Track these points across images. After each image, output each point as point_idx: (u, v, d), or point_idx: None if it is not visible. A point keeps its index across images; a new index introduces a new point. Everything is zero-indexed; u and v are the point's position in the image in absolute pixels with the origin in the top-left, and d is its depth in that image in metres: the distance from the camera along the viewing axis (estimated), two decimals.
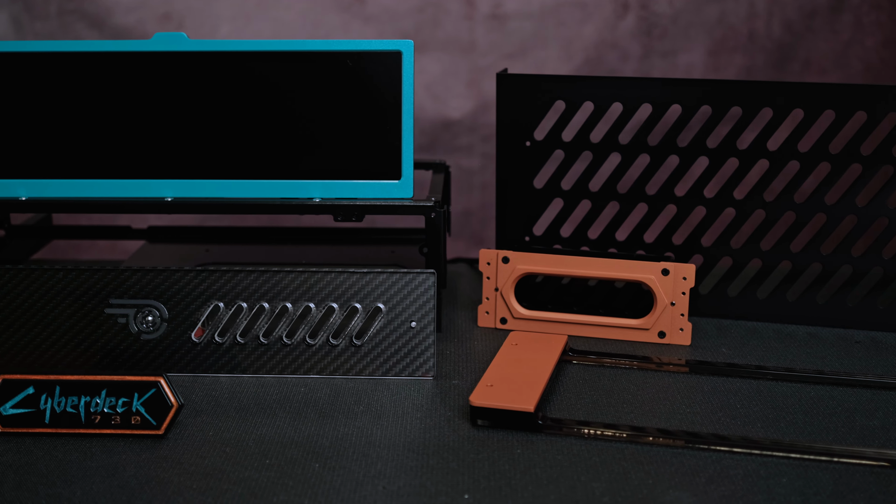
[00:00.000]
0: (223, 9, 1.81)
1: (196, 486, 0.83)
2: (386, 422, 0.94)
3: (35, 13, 1.81)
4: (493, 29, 1.84)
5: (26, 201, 1.12)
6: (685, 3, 1.82)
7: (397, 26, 1.83)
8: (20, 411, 0.91)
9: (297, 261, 1.27)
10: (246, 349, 1.03)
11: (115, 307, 1.03)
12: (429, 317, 1.02)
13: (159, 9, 1.80)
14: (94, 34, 1.80)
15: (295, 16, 1.83)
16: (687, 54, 1.85)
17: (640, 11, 1.83)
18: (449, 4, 1.82)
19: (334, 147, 1.11)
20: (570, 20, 1.84)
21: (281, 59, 1.10)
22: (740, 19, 1.83)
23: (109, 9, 1.79)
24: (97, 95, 1.11)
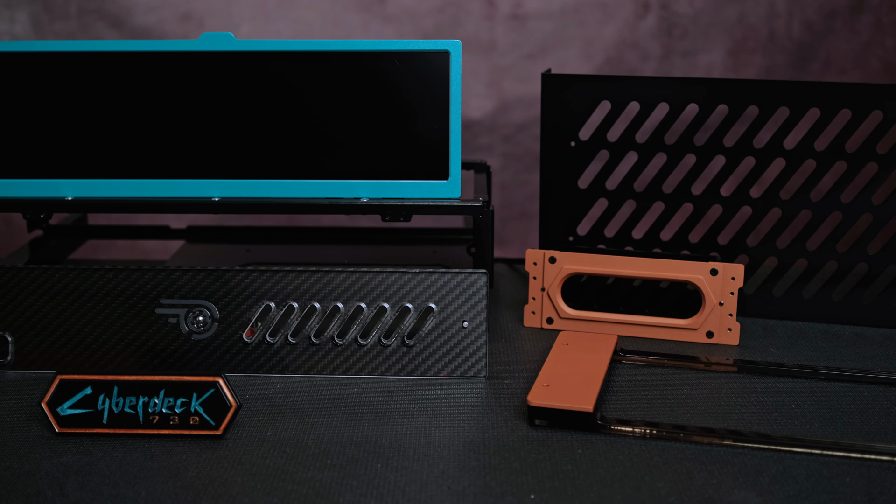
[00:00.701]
0: (243, 8, 1.81)
1: (260, 486, 0.83)
2: (443, 422, 0.94)
3: (55, 13, 1.81)
4: (513, 29, 1.84)
5: (72, 201, 1.11)
6: (705, 3, 1.82)
7: (417, 26, 1.82)
8: (78, 412, 0.91)
9: (339, 261, 1.27)
10: (297, 349, 1.03)
11: (165, 307, 1.03)
12: (480, 317, 1.02)
13: (179, 8, 1.80)
14: (113, 34, 1.80)
15: (315, 16, 1.83)
16: (707, 54, 1.85)
17: (660, 11, 1.83)
18: (469, 4, 1.82)
19: (382, 147, 1.10)
20: (590, 20, 1.84)
21: (328, 59, 1.10)
22: (760, 19, 1.83)
23: (129, 8, 1.79)
24: (144, 95, 1.11)
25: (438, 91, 1.10)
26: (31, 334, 1.04)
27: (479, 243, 1.11)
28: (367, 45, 1.11)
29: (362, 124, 1.10)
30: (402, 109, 1.10)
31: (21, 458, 0.87)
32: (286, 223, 1.58)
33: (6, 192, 1.12)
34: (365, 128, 1.11)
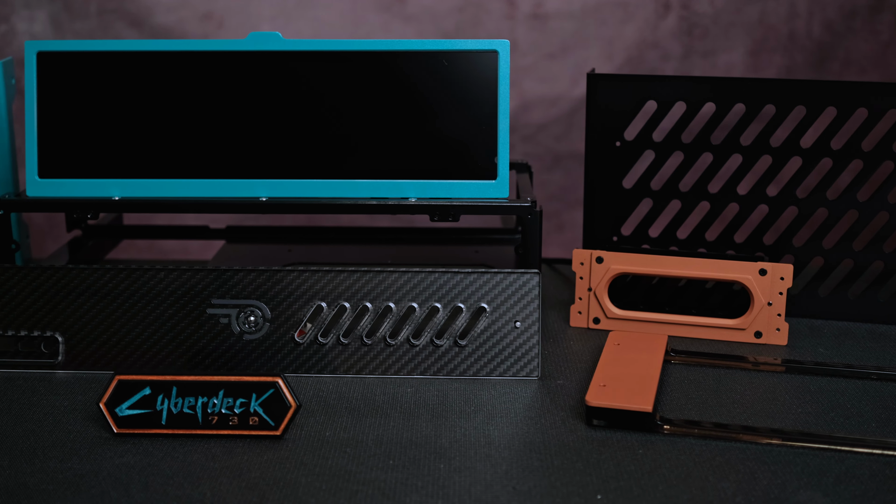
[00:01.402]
0: (263, 8, 1.81)
1: (325, 486, 0.82)
2: (500, 422, 0.93)
3: (74, 13, 1.80)
4: (533, 28, 1.83)
5: (119, 201, 1.11)
6: (726, 2, 1.82)
7: (438, 26, 1.82)
8: (136, 412, 0.90)
9: (381, 261, 1.27)
10: (349, 349, 1.03)
11: (217, 307, 1.03)
12: (533, 317, 1.02)
13: (200, 8, 1.80)
14: (133, 34, 1.80)
15: (335, 16, 1.83)
16: (727, 54, 1.85)
17: (681, 11, 1.83)
18: (490, 4, 1.82)
19: (430, 146, 1.10)
20: (611, 20, 1.84)
21: (376, 58, 1.10)
22: (780, 19, 1.84)
23: (150, 8, 1.79)
24: (191, 95, 1.11)
25: (487, 91, 1.10)
26: (81, 335, 1.03)
27: (527, 243, 1.11)
28: (415, 45, 1.11)
29: (410, 124, 1.10)
30: (451, 109, 1.10)
31: (82, 458, 0.87)
32: (326, 223, 1.57)
33: (54, 192, 1.12)
34: (413, 127, 1.10)
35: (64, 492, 0.82)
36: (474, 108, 1.10)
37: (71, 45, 1.12)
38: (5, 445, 0.89)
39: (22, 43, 1.80)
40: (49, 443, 0.89)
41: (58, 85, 1.11)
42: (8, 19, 1.81)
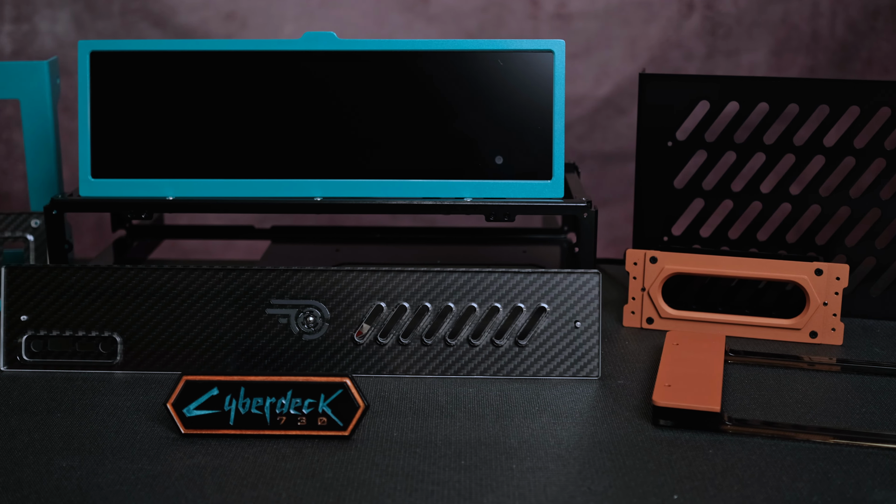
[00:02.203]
0: (287, 8, 1.81)
1: (400, 487, 0.82)
2: (567, 422, 0.93)
3: (97, 12, 1.80)
4: (557, 28, 1.83)
5: (173, 201, 1.11)
6: (749, 2, 1.82)
7: (461, 26, 1.82)
8: (204, 413, 0.90)
9: (430, 261, 1.27)
10: (408, 350, 1.03)
11: (276, 307, 1.03)
12: (593, 316, 1.02)
13: (223, 8, 1.80)
14: (156, 33, 1.79)
15: (358, 15, 1.83)
16: (750, 54, 1.86)
17: (704, 11, 1.84)
18: (513, 4, 1.82)
19: (485, 146, 1.10)
20: (634, 20, 1.84)
21: (432, 58, 1.10)
22: (804, 19, 1.84)
23: (173, 8, 1.79)
24: (246, 94, 1.11)
25: (542, 90, 1.10)
26: (140, 335, 1.03)
27: (583, 243, 1.11)
28: (470, 45, 1.10)
29: (466, 123, 1.10)
30: (506, 109, 1.10)
31: (151, 459, 0.87)
32: (370, 223, 1.57)
33: (107, 192, 1.12)
34: (468, 127, 1.10)
35: (138, 492, 0.81)
36: (529, 107, 1.10)
37: (124, 44, 1.12)
38: (73, 446, 0.89)
39: (44, 42, 1.80)
40: (116, 443, 0.89)
41: (111, 85, 1.11)
42: (30, 19, 1.81)
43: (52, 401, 0.97)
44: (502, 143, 1.10)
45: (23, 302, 1.04)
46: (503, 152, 1.10)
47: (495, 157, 1.09)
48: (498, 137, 1.10)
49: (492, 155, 1.10)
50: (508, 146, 1.10)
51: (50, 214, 1.12)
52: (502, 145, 1.10)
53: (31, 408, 0.96)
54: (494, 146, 1.10)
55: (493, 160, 1.10)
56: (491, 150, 1.10)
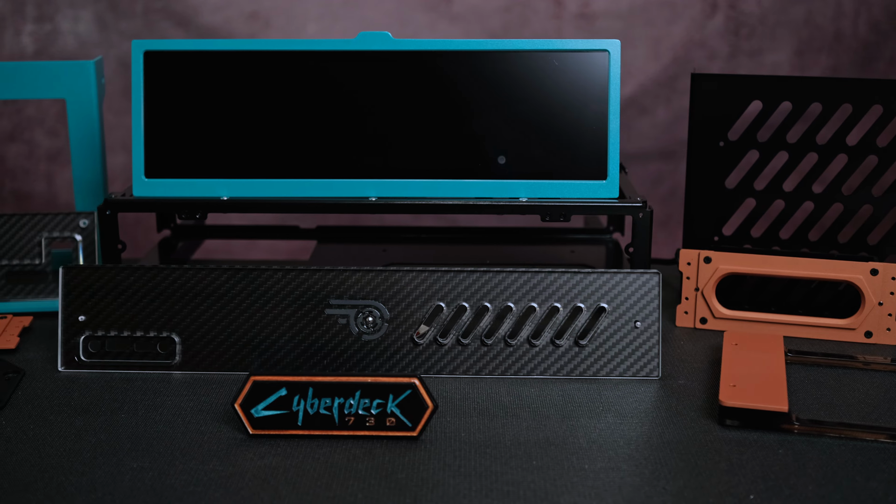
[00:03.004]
0: (310, 7, 1.80)
1: (475, 487, 0.82)
2: (633, 422, 0.93)
3: (120, 12, 1.80)
4: (581, 28, 1.83)
5: (227, 201, 1.11)
6: (773, 2, 1.82)
7: (484, 26, 1.82)
8: (272, 413, 0.90)
9: (478, 260, 1.26)
10: (468, 350, 1.03)
11: (335, 308, 1.03)
12: (653, 316, 1.02)
13: (246, 7, 1.79)
14: (179, 33, 1.79)
15: (382, 15, 1.82)
16: (773, 54, 1.86)
17: (728, 11, 1.84)
18: (537, 3, 1.82)
19: (540, 146, 1.10)
20: (658, 20, 1.84)
21: (487, 58, 1.10)
22: (827, 19, 1.84)
23: (196, 8, 1.78)
24: (299, 94, 1.10)
25: (597, 90, 1.10)
26: (198, 336, 1.03)
27: (638, 243, 1.11)
28: (526, 45, 1.10)
29: (521, 124, 1.10)
30: (561, 109, 1.10)
31: (222, 460, 0.86)
32: (413, 223, 1.56)
33: (161, 192, 1.11)
34: (523, 127, 1.10)
35: (212, 493, 0.81)
36: (585, 107, 1.10)
37: (178, 44, 1.11)
38: (141, 447, 0.88)
39: (66, 42, 1.80)
40: (185, 444, 0.89)
41: (164, 84, 1.11)
42: (52, 18, 1.80)
43: (115, 401, 0.97)
44: (557, 143, 1.10)
45: (80, 302, 1.03)
46: (558, 152, 1.10)
47: (498, 157, 1.09)
48: (553, 137, 1.10)
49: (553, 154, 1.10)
50: (564, 146, 1.10)
51: (103, 214, 1.12)
52: (557, 145, 1.10)
53: (95, 408, 0.96)
54: (550, 146, 1.10)
55: (554, 159, 1.09)
56: (546, 149, 1.10)
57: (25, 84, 1.25)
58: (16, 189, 1.83)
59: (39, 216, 1.20)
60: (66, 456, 0.87)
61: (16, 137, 1.83)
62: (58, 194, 1.85)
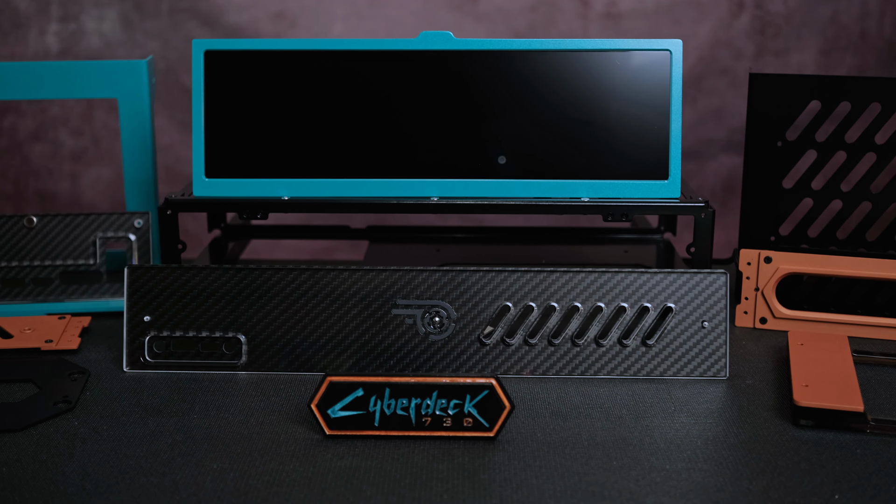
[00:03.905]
0: (336, 7, 1.80)
1: (559, 488, 0.82)
2: (707, 422, 0.93)
3: (145, 11, 1.79)
4: (607, 28, 1.83)
5: (288, 201, 1.10)
6: (799, 2, 1.83)
7: (510, 25, 1.82)
8: (349, 413, 0.90)
9: (533, 260, 1.26)
10: (535, 350, 1.02)
11: (402, 308, 1.02)
12: (720, 316, 1.02)
13: (272, 7, 1.79)
14: (205, 33, 1.79)
15: (408, 14, 1.82)
16: (799, 53, 1.86)
17: (754, 10, 1.84)
18: (563, 3, 1.81)
19: (602, 146, 1.10)
20: (684, 19, 1.84)
21: (549, 58, 1.10)
22: (853, 18, 1.84)
23: (222, 7, 1.78)
24: (361, 94, 1.10)
25: (659, 90, 1.10)
26: (263, 336, 1.03)
27: (699, 243, 1.11)
28: (587, 45, 1.10)
29: (582, 123, 1.10)
30: (622, 108, 1.10)
31: (302, 460, 0.86)
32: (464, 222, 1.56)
33: (221, 192, 1.11)
34: (585, 127, 1.10)
35: (297, 494, 0.81)
36: (646, 107, 1.10)
37: (238, 43, 1.11)
38: (219, 448, 0.88)
39: (91, 42, 1.79)
40: (261, 445, 0.89)
41: (225, 84, 1.11)
42: (77, 18, 1.80)
43: (185, 402, 0.97)
44: (619, 143, 1.10)
45: (145, 302, 1.03)
46: (620, 152, 1.10)
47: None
48: (615, 137, 1.10)
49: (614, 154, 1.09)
50: (626, 146, 1.10)
51: (164, 214, 1.11)
52: (619, 145, 1.10)
53: (166, 409, 0.95)
54: (611, 145, 1.10)
55: (616, 159, 1.09)
56: (607, 149, 1.10)
57: (77, 83, 1.25)
58: (39, 188, 1.83)
59: (94, 216, 1.20)
60: (144, 457, 0.87)
61: (40, 137, 1.83)
62: (81, 194, 1.85)
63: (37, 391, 0.99)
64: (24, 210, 1.83)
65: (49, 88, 1.25)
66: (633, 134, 1.10)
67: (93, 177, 1.83)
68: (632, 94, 1.10)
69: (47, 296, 1.20)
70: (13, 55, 1.78)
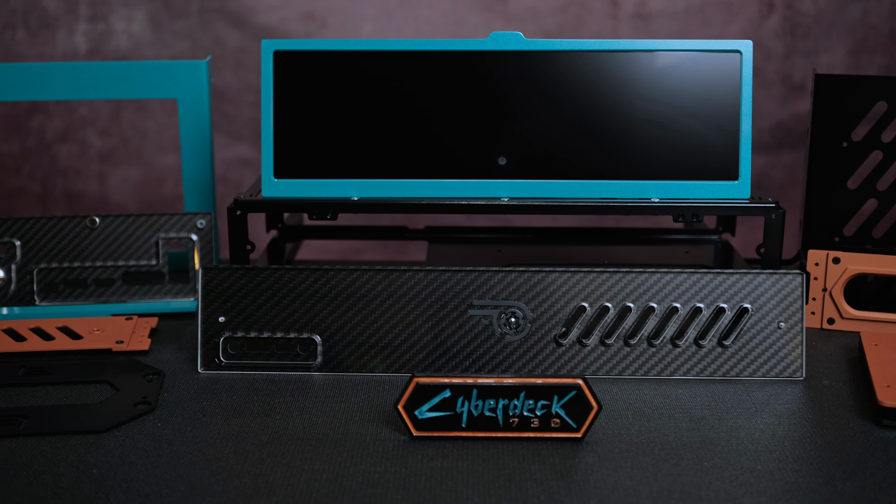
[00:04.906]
0: (365, 7, 1.80)
1: (655, 489, 0.82)
2: (790, 423, 0.93)
3: (175, 11, 1.79)
4: (637, 28, 1.83)
5: (357, 202, 1.10)
6: (828, 2, 1.83)
7: (540, 25, 1.82)
8: (436, 415, 0.90)
9: (595, 262, 1.26)
10: (611, 350, 1.02)
11: (477, 308, 1.02)
12: (796, 317, 1.02)
13: (302, 8, 1.79)
14: (234, 33, 1.79)
15: (437, 15, 1.82)
16: (828, 54, 1.86)
17: (785, 11, 1.84)
18: (593, 3, 1.81)
19: (672, 147, 1.10)
20: (715, 20, 1.84)
21: (618, 59, 1.10)
22: (882, 19, 1.84)
23: (252, 8, 1.78)
24: (430, 94, 1.10)
25: (729, 91, 1.10)
26: (338, 336, 1.03)
27: (769, 243, 1.11)
28: (657, 45, 1.10)
29: (652, 124, 1.10)
30: (692, 109, 1.10)
31: (393, 461, 0.86)
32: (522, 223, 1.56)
33: (290, 192, 1.11)
34: (654, 127, 1.10)
35: (393, 495, 0.81)
36: (717, 108, 1.10)
37: (307, 44, 1.11)
38: (307, 449, 0.88)
39: (119, 42, 1.79)
40: (349, 446, 0.89)
41: (294, 85, 1.11)
42: (106, 18, 1.80)
43: (265, 403, 0.97)
44: (689, 144, 1.10)
45: (220, 303, 1.03)
46: (690, 153, 1.10)
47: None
48: (685, 138, 1.10)
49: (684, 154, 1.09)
50: (696, 146, 1.10)
51: (234, 215, 1.11)
52: (689, 146, 1.10)
53: (247, 410, 0.95)
54: (681, 146, 1.10)
55: (686, 160, 1.09)
56: (678, 150, 1.10)
57: (137, 84, 1.25)
58: (67, 189, 1.82)
59: (156, 217, 1.20)
60: (233, 458, 0.86)
61: (68, 137, 1.83)
62: (109, 194, 1.84)
63: (114, 392, 0.99)
64: (52, 210, 1.83)
65: (108, 89, 1.25)
66: (704, 135, 1.10)
67: (120, 177, 1.83)
68: (702, 95, 1.10)
69: (109, 296, 1.20)
70: (41, 55, 1.77)
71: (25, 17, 1.77)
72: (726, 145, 1.10)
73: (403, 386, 0.90)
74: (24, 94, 1.25)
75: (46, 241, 1.19)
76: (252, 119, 1.78)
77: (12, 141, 1.82)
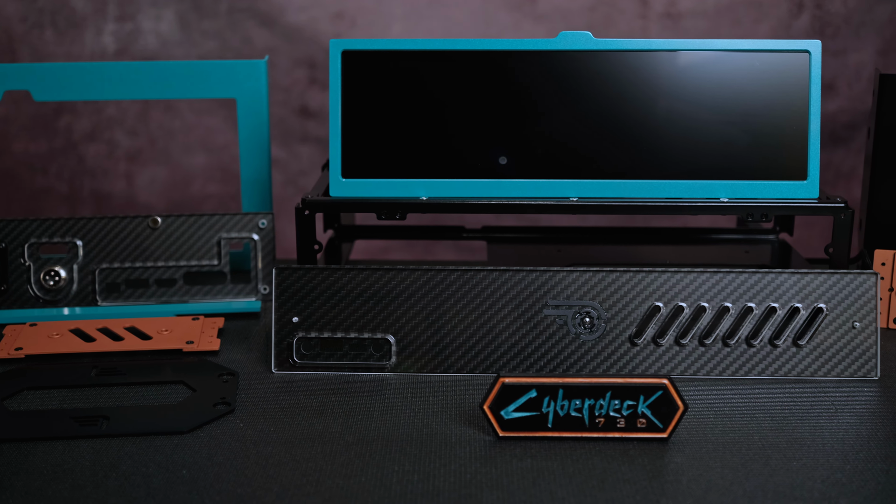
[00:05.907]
0: (395, 7, 1.80)
1: (748, 488, 0.82)
2: (872, 423, 0.93)
3: (203, 11, 1.79)
4: (667, 28, 1.83)
5: (426, 202, 1.10)
6: (858, 2, 1.83)
7: (569, 25, 1.82)
8: (522, 415, 0.89)
9: (656, 261, 1.26)
10: (685, 350, 1.02)
11: (552, 308, 1.02)
12: (871, 317, 1.02)
13: (332, 7, 1.79)
14: (263, 33, 1.78)
15: (466, 14, 1.82)
16: (857, 54, 1.86)
17: (814, 10, 1.84)
18: (622, 3, 1.81)
19: (741, 147, 1.10)
20: (745, 19, 1.84)
21: (688, 58, 1.10)
22: None
23: (281, 7, 1.77)
24: (499, 94, 1.10)
25: (798, 90, 1.10)
26: (412, 336, 1.02)
27: (838, 244, 1.11)
28: (726, 45, 1.10)
29: (720, 124, 1.10)
30: (762, 109, 1.10)
31: (483, 462, 0.86)
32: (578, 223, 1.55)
33: (358, 192, 1.11)
34: (722, 127, 1.10)
35: (488, 496, 0.81)
36: (785, 108, 1.10)
37: (375, 43, 1.11)
38: (392, 449, 0.88)
39: (147, 42, 1.78)
40: (436, 446, 0.88)
41: (363, 84, 1.10)
42: (134, 17, 1.79)
43: (345, 404, 0.96)
44: (757, 144, 1.10)
45: (293, 303, 1.03)
46: (758, 152, 1.10)
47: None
48: (753, 137, 1.10)
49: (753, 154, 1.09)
50: (764, 146, 1.10)
51: (302, 215, 1.11)
52: (757, 145, 1.10)
53: (328, 411, 0.95)
54: (750, 146, 1.10)
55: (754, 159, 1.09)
56: (746, 150, 1.10)
57: (196, 83, 1.25)
58: (95, 188, 1.82)
59: (217, 217, 1.20)
60: (322, 459, 0.86)
61: (96, 137, 1.82)
62: (137, 194, 1.84)
63: (191, 393, 0.98)
64: (80, 210, 1.83)
65: (167, 88, 1.25)
66: (773, 134, 1.10)
67: (148, 177, 1.83)
68: (771, 95, 1.10)
69: (171, 296, 1.19)
70: (69, 55, 1.77)
71: (53, 17, 1.77)
72: (795, 145, 1.10)
73: (489, 386, 0.90)
74: (80, 93, 1.24)
75: (108, 242, 1.18)
76: (281, 119, 1.78)
77: (40, 140, 1.82)
